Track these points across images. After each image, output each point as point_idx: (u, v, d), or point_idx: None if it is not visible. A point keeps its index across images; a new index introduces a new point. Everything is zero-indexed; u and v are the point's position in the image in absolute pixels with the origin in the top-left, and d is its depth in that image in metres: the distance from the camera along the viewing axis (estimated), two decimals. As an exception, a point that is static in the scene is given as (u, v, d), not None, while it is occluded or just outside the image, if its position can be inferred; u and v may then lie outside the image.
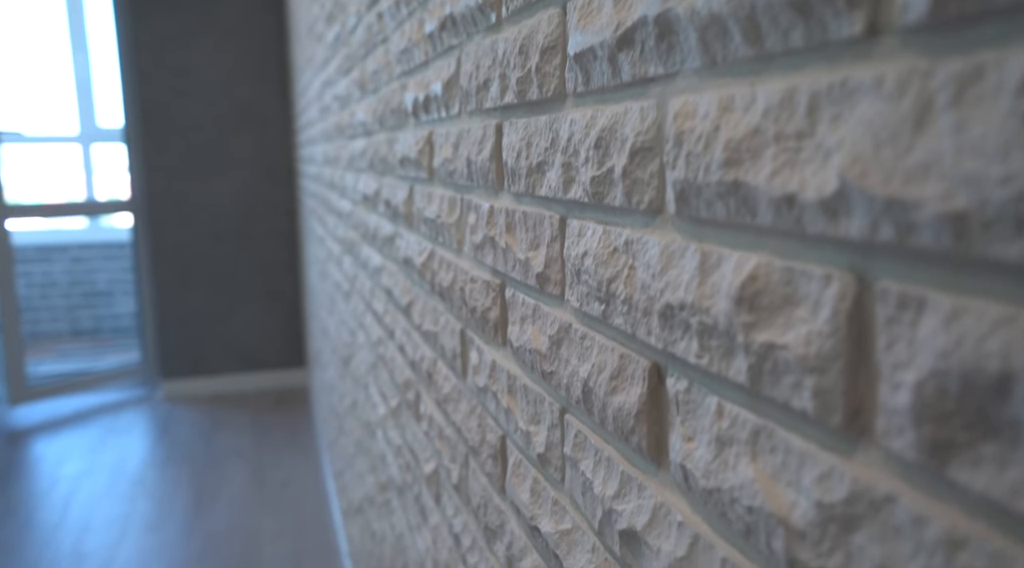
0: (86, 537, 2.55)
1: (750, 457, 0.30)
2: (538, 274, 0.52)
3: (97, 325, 5.57)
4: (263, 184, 4.02)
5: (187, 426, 3.61)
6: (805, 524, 0.27)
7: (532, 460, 0.56)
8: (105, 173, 5.76)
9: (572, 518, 0.49)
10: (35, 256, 5.40)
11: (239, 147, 3.96)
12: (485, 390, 0.66)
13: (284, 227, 4.07)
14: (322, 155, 2.24)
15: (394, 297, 1.10)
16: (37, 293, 5.44)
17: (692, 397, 0.34)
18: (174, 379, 4.03)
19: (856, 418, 0.25)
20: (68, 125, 5.64)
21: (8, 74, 5.62)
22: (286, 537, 2.54)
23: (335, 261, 2.05)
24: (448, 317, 0.79)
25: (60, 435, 3.51)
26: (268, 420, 3.67)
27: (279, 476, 3.03)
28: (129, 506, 2.78)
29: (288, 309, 4.14)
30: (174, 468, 3.12)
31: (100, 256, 5.54)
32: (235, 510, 2.74)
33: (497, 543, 0.66)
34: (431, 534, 0.94)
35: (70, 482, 2.99)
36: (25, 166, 5.62)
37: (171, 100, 3.84)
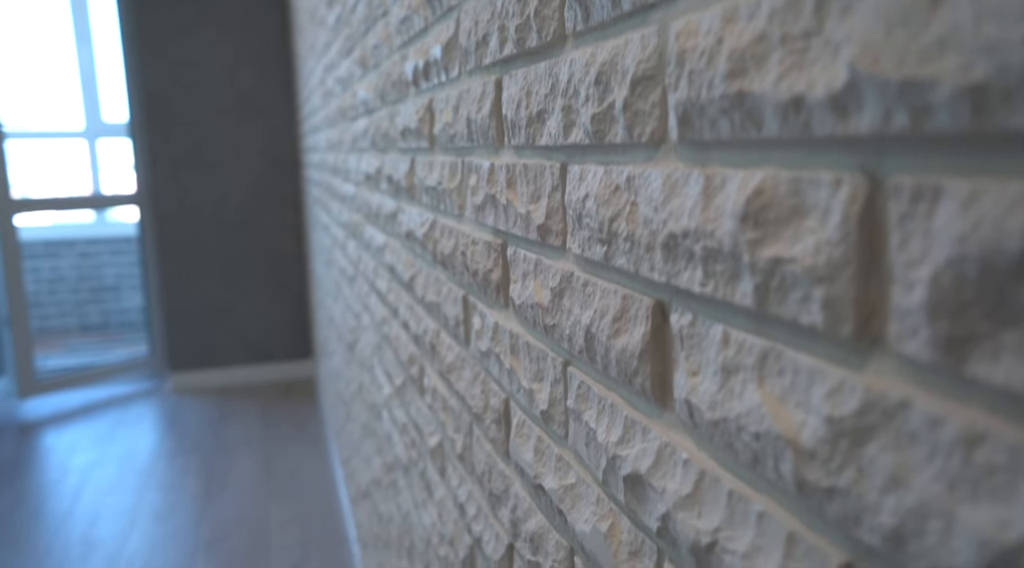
0: (96, 526, 2.56)
1: (757, 382, 0.29)
2: (539, 226, 0.51)
3: (105, 320, 5.60)
4: (268, 175, 4.01)
5: (195, 417, 3.62)
6: (814, 443, 0.26)
7: (535, 418, 0.55)
8: (111, 168, 5.77)
9: (576, 472, 0.48)
10: (43, 251, 5.43)
11: (243, 138, 3.96)
12: (488, 354, 0.65)
13: (290, 218, 4.07)
14: (325, 142, 2.23)
15: (397, 273, 1.10)
16: (45, 288, 5.46)
17: (697, 330, 0.33)
18: (182, 371, 4.04)
19: (867, 326, 0.24)
20: (73, 120, 5.65)
21: (13, 70, 5.64)
22: (294, 525, 2.54)
23: (340, 247, 2.04)
24: (450, 285, 0.78)
25: (69, 427, 3.52)
26: (276, 411, 3.68)
27: (287, 466, 3.03)
28: (138, 496, 2.79)
29: (295, 300, 4.14)
30: (183, 458, 3.13)
31: (107, 251, 5.56)
32: (243, 499, 2.75)
33: (502, 508, 0.65)
34: (436, 508, 0.93)
35: (80, 473, 3.01)
36: (31, 162, 5.64)
37: (175, 92, 3.84)
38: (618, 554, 0.42)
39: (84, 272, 5.53)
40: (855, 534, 0.24)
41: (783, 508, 0.28)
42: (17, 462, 3.13)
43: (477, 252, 0.66)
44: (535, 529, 0.56)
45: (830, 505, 0.25)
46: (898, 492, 0.22)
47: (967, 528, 0.20)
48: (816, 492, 0.26)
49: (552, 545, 0.53)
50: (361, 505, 1.96)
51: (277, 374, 4.17)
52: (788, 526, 0.28)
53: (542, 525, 0.55)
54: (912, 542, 0.22)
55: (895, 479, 0.22)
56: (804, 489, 0.27)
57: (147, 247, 4.03)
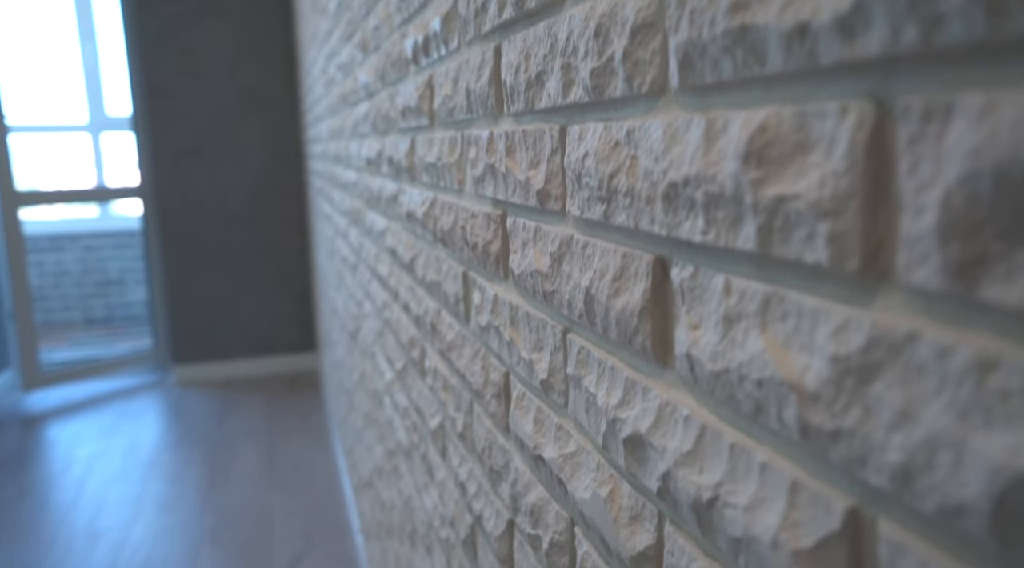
0: (100, 516, 2.57)
1: (760, 329, 0.28)
2: (538, 191, 0.50)
3: (109, 314, 5.61)
4: (271, 168, 4.01)
5: (199, 410, 3.63)
6: (819, 385, 0.25)
7: (535, 389, 0.54)
8: (115, 161, 5.77)
9: (576, 440, 0.47)
10: (47, 245, 5.44)
11: (246, 131, 3.95)
12: (487, 328, 0.65)
13: (293, 211, 4.06)
14: (327, 131, 2.22)
15: (398, 256, 1.09)
16: (50, 282, 5.47)
17: (698, 282, 0.32)
18: (186, 364, 4.05)
19: (874, 259, 0.23)
20: (77, 114, 5.65)
21: (17, 64, 5.64)
22: (298, 516, 2.54)
23: (342, 236, 2.04)
24: (450, 263, 0.77)
25: (74, 420, 3.53)
26: (279, 403, 3.68)
27: (291, 457, 3.04)
28: (142, 486, 2.79)
29: (298, 294, 4.14)
30: (186, 450, 3.13)
31: (111, 245, 5.56)
32: (247, 490, 2.75)
33: (502, 484, 0.64)
34: (437, 490, 0.93)
35: (84, 464, 3.01)
36: (36, 156, 5.64)
37: (177, 85, 3.84)
38: (619, 519, 0.41)
39: (88, 266, 5.54)
40: (861, 476, 0.23)
41: (786, 457, 0.27)
42: (22, 454, 3.13)
43: (476, 225, 0.65)
44: (535, 502, 0.56)
45: (835, 448, 0.24)
46: (906, 428, 0.21)
47: (978, 457, 0.19)
48: (820, 436, 0.25)
49: (552, 517, 0.52)
50: (364, 494, 1.96)
51: (280, 367, 4.17)
52: (791, 475, 0.27)
53: (542, 497, 0.54)
54: (920, 478, 0.21)
55: (903, 414, 0.22)
56: (808, 435, 0.26)
57: (150, 240, 4.03)
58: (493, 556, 0.68)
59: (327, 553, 2.31)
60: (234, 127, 3.93)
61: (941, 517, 0.21)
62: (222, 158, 3.94)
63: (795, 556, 0.26)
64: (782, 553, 0.27)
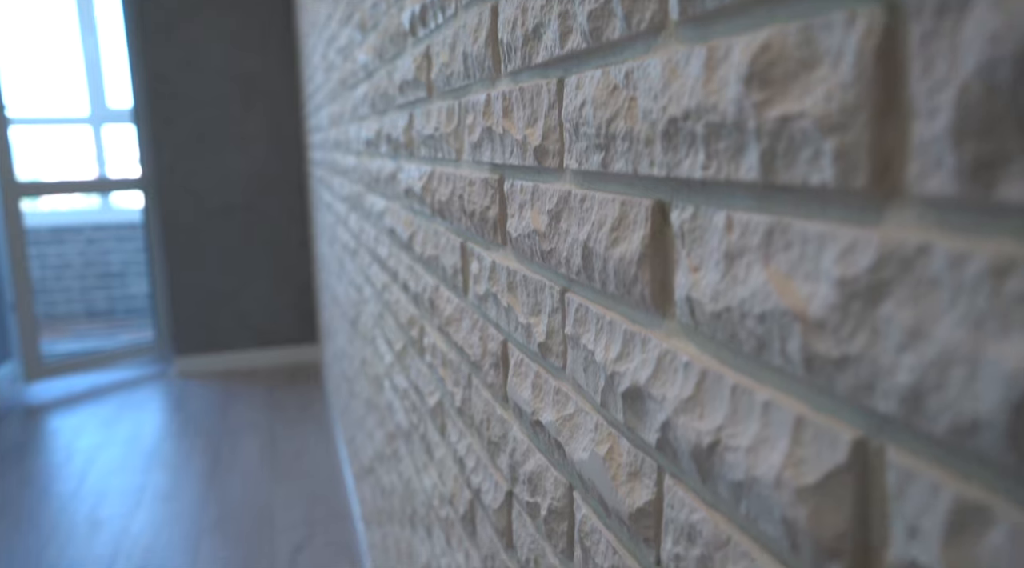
0: (102, 505, 2.57)
1: (762, 262, 0.27)
2: (536, 148, 0.48)
3: (111, 306, 5.61)
4: (272, 160, 4.00)
5: (201, 400, 3.62)
6: (824, 311, 0.24)
7: (533, 354, 0.53)
8: (116, 154, 5.77)
9: (575, 402, 0.46)
10: (49, 238, 5.44)
11: (247, 123, 3.94)
12: (485, 297, 0.64)
13: (294, 203, 4.05)
14: (328, 118, 2.21)
15: (397, 235, 1.08)
16: (52, 275, 5.47)
17: (698, 223, 0.31)
18: (187, 355, 4.05)
19: (884, 173, 0.22)
20: (78, 106, 5.65)
21: (18, 57, 5.63)
22: (299, 505, 2.54)
23: (342, 222, 2.03)
24: (448, 235, 0.76)
25: (75, 410, 3.53)
26: (281, 394, 3.68)
27: (292, 447, 3.03)
28: (144, 476, 2.79)
29: (300, 285, 4.13)
30: (188, 440, 3.13)
31: (113, 237, 5.56)
32: (249, 480, 2.74)
33: (500, 455, 0.63)
34: (436, 469, 0.92)
35: (86, 454, 3.01)
36: (37, 148, 5.64)
37: (178, 76, 3.83)
38: (617, 476, 0.40)
39: (90, 258, 5.54)
40: (868, 404, 0.22)
41: (789, 394, 0.26)
42: (24, 444, 3.13)
43: (474, 193, 0.64)
44: (533, 469, 0.55)
45: (841, 378, 0.23)
46: (916, 347, 0.20)
47: (994, 367, 0.18)
48: (825, 366, 0.24)
49: (550, 483, 0.51)
50: (364, 482, 1.96)
51: (282, 358, 4.17)
52: (795, 412, 0.26)
53: (540, 464, 0.53)
54: (931, 398, 0.20)
55: (913, 333, 0.20)
56: (812, 366, 0.25)
57: (151, 231, 4.03)
58: (492, 529, 0.67)
59: (328, 541, 2.30)
60: (235, 118, 3.92)
61: (953, 437, 0.19)
62: (223, 150, 3.93)
63: (799, 494, 0.25)
64: (785, 491, 0.26)
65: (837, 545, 0.24)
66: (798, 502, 0.25)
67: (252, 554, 2.24)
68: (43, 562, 2.21)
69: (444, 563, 0.91)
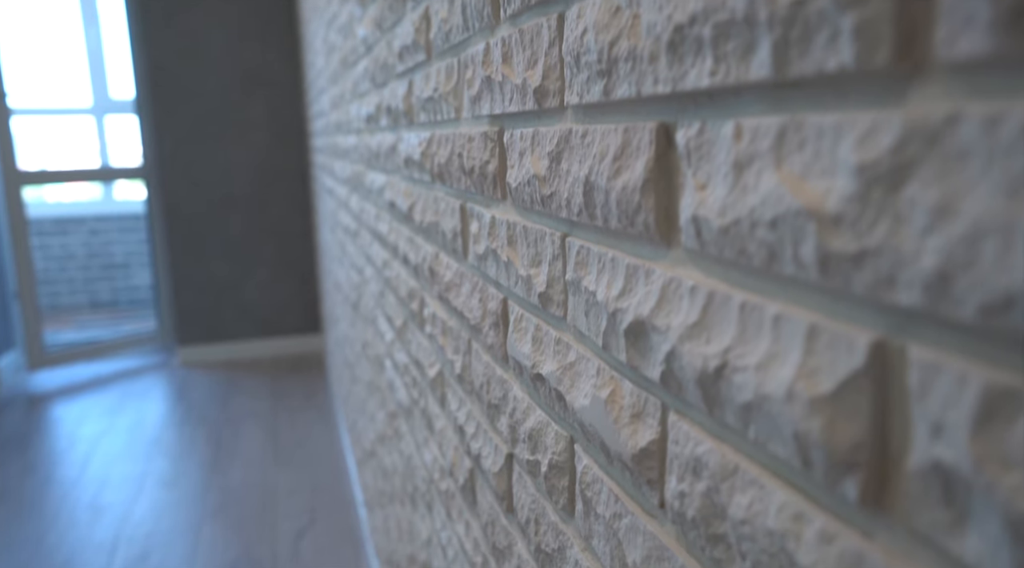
0: (104, 492, 2.56)
1: (774, 165, 0.25)
2: (536, 90, 0.47)
3: (115, 297, 5.61)
4: (274, 149, 3.99)
5: (203, 390, 3.62)
6: (842, 204, 0.22)
7: (533, 307, 0.52)
8: (119, 144, 5.76)
9: (575, 350, 0.45)
10: (52, 229, 5.43)
11: (249, 112, 3.93)
12: (485, 256, 0.62)
13: (297, 193, 4.04)
14: (329, 101, 2.19)
15: (397, 207, 1.06)
16: (55, 265, 5.47)
17: (705, 137, 0.30)
18: (190, 345, 4.04)
19: (908, 45, 0.20)
20: (81, 97, 5.64)
21: (21, 47, 5.62)
22: (302, 492, 2.53)
23: (343, 206, 2.02)
24: (448, 199, 0.74)
25: (78, 399, 3.53)
26: (284, 384, 3.68)
27: (295, 435, 3.03)
28: (146, 464, 2.79)
29: (302, 275, 4.12)
30: (190, 429, 3.13)
31: (116, 228, 5.56)
32: (251, 467, 2.74)
33: (500, 417, 0.62)
34: (437, 441, 0.91)
35: (88, 442, 3.01)
36: (40, 138, 5.64)
37: (180, 65, 3.81)
38: (619, 419, 0.38)
39: (93, 249, 5.53)
40: (889, 299, 0.21)
41: (801, 304, 0.25)
42: (27, 432, 3.13)
43: (473, 149, 0.62)
44: (533, 426, 0.53)
45: (858, 276, 0.22)
46: (943, 227, 0.19)
47: (1033, 230, 0.16)
48: (842, 266, 0.22)
49: (551, 438, 0.50)
50: (367, 466, 1.95)
51: (285, 348, 4.16)
52: (807, 321, 0.24)
53: (540, 420, 0.52)
54: (959, 279, 0.18)
55: (940, 211, 0.19)
56: (828, 268, 0.23)
57: (154, 221, 4.02)
58: (492, 495, 0.66)
59: (330, 527, 2.30)
60: (237, 108, 3.91)
61: (983, 319, 0.18)
62: (225, 139, 3.92)
63: (812, 405, 0.24)
64: (797, 405, 0.24)
65: (853, 456, 0.22)
66: (811, 414, 0.24)
67: (254, 539, 2.24)
68: (44, 548, 2.21)
69: (444, 537, 0.90)
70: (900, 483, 0.21)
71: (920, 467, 0.20)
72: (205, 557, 2.15)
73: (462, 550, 0.80)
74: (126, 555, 2.16)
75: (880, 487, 0.22)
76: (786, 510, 0.26)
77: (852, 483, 0.23)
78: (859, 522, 0.23)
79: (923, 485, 0.20)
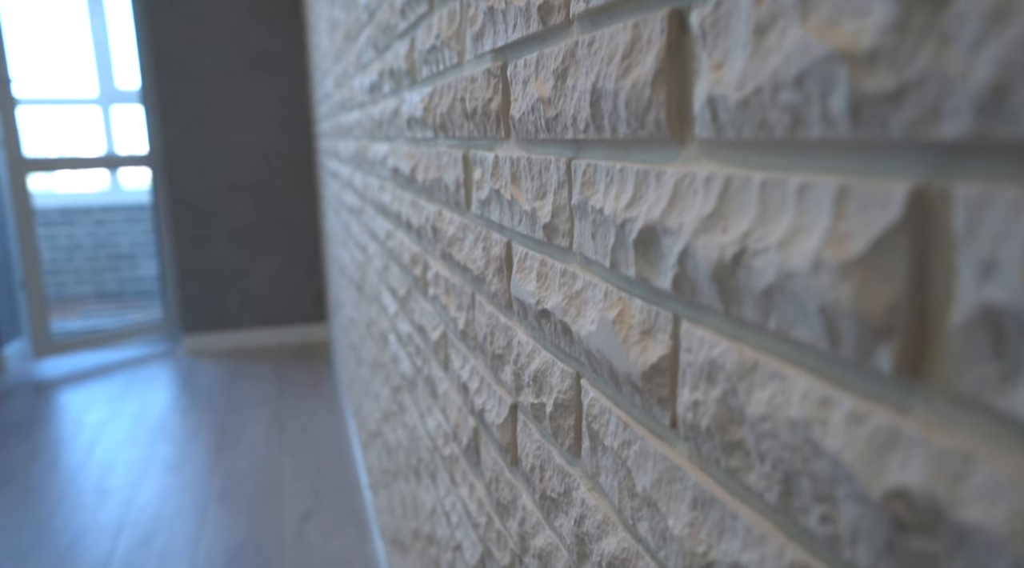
0: (109, 476, 2.56)
1: (800, 19, 0.23)
2: (539, 7, 0.45)
3: (121, 288, 5.62)
4: (280, 135, 3.97)
5: (209, 377, 3.62)
6: (878, 37, 0.20)
7: (538, 242, 0.50)
8: (125, 134, 5.76)
9: (582, 278, 0.43)
10: (59, 219, 5.44)
11: (255, 98, 3.91)
12: (488, 201, 0.60)
13: (302, 179, 4.03)
14: (333, 81, 2.17)
15: (400, 172, 1.04)
16: (62, 256, 5.48)
17: (722, 11, 0.27)
18: (196, 334, 4.04)
19: None
20: (88, 87, 5.64)
21: (27, 38, 5.63)
22: (307, 476, 2.52)
23: (347, 185, 2.00)
24: (450, 152, 0.72)
25: (84, 386, 3.53)
26: (289, 372, 3.67)
27: (300, 422, 3.02)
28: (151, 449, 2.79)
29: (308, 264, 4.11)
30: (196, 415, 3.12)
31: (122, 219, 5.56)
32: (256, 453, 2.73)
33: (504, 369, 0.60)
34: (440, 405, 0.89)
35: (94, 428, 3.01)
36: (46, 129, 5.64)
37: (185, 52, 3.80)
38: (628, 338, 0.36)
39: (100, 240, 5.54)
40: (931, 136, 0.19)
41: (828, 170, 0.23)
42: (33, 418, 3.14)
43: (475, 89, 0.60)
44: (538, 368, 0.51)
45: (896, 116, 0.20)
46: (999, 30, 0.17)
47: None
48: (878, 109, 0.20)
49: (556, 377, 0.48)
50: (371, 448, 1.93)
51: (291, 337, 4.16)
52: (835, 184, 0.22)
53: (545, 361, 0.50)
54: (1018, 87, 0.16)
55: (995, 16, 0.17)
56: (860, 116, 0.21)
57: (159, 209, 4.01)
58: (496, 449, 0.64)
59: (335, 509, 2.28)
60: (242, 94, 3.89)
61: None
62: (231, 126, 3.91)
63: (842, 271, 0.22)
64: (825, 274, 0.22)
65: (887, 321, 0.20)
66: (840, 281, 0.22)
67: (259, 522, 2.23)
68: (49, 530, 2.21)
69: (448, 503, 0.88)
70: (941, 343, 0.19)
71: (966, 318, 0.18)
72: (210, 539, 2.14)
73: (465, 513, 0.78)
74: (131, 537, 2.16)
75: (918, 353, 0.20)
76: (810, 397, 0.24)
77: (886, 353, 0.20)
78: (893, 396, 0.21)
79: (968, 339, 0.18)
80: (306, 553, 2.07)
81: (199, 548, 2.10)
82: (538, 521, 0.54)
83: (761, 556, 0.27)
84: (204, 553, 2.07)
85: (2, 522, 2.26)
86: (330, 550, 2.08)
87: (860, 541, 0.22)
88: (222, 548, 2.09)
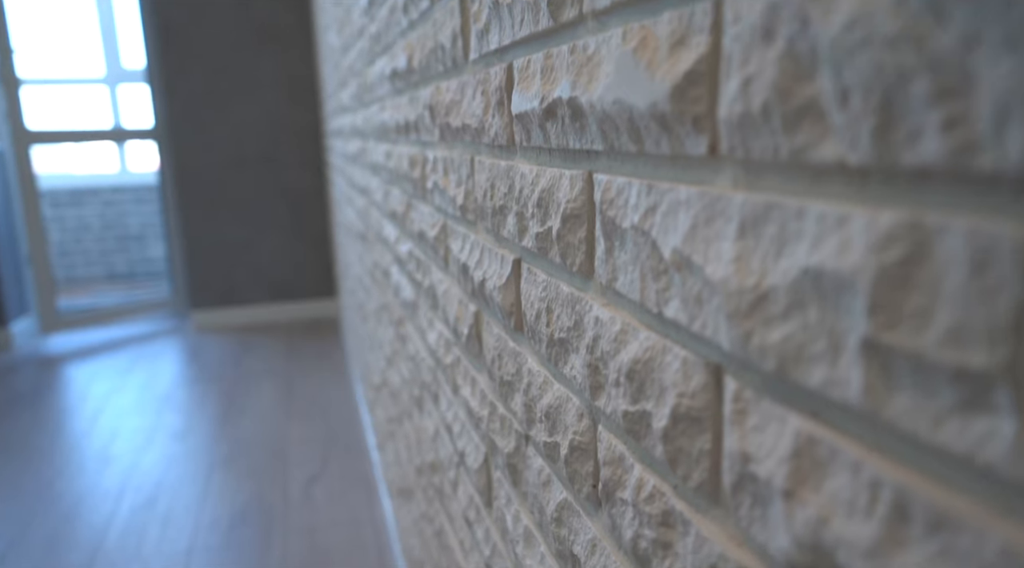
0: (113, 443, 2.52)
1: None
2: None
3: (131, 269, 5.59)
4: (287, 108, 3.91)
5: (217, 351, 3.57)
6: None
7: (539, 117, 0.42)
8: (132, 113, 5.72)
9: (593, 43, 0.35)
10: (67, 200, 5.42)
11: (260, 70, 3.85)
12: (486, 28, 0.53)
13: (309, 152, 3.96)
14: (340, 44, 2.10)
15: (398, 73, 0.97)
16: (71, 237, 5.46)
17: None
18: (204, 310, 4.00)
19: None
20: (94, 67, 5.60)
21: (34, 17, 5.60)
22: (314, 442, 2.47)
23: (353, 133, 1.93)
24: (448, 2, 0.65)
25: (91, 361, 3.50)
26: (298, 345, 3.62)
27: (308, 391, 2.97)
28: (156, 418, 2.74)
29: (316, 238, 4.06)
30: (203, 386, 3.08)
31: (131, 199, 5.53)
32: (264, 420, 2.68)
33: (506, 221, 0.53)
34: (441, 310, 0.82)
35: (100, 398, 2.97)
36: (53, 108, 5.61)
37: (189, 25, 3.74)
38: (653, 61, 0.29)
39: (108, 221, 5.51)
40: None
41: None
42: (38, 389, 3.10)
43: None
44: (544, 188, 0.44)
45: None
46: None
47: None
48: None
49: (564, 190, 0.41)
50: (377, 403, 1.87)
51: (300, 312, 4.11)
52: None
53: (553, 177, 0.43)
54: None
55: None
56: None
57: (166, 184, 3.97)
58: (499, 321, 0.57)
59: (343, 472, 2.23)
60: (248, 66, 3.83)
61: None
62: (237, 99, 3.85)
63: None
64: None
65: None
66: None
67: (265, 485, 2.17)
68: (52, 494, 2.16)
69: (451, 415, 0.81)
70: None
71: None
72: (214, 502, 2.09)
73: (468, 416, 0.71)
74: (133, 501, 2.11)
75: None
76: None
77: None
78: None
79: None
80: (312, 514, 2.01)
81: (203, 511, 2.05)
82: (545, 380, 0.47)
83: (842, 241, 0.20)
84: (208, 516, 2.02)
85: (4, 487, 2.22)
86: (337, 511, 2.02)
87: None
88: (226, 510, 2.04)
